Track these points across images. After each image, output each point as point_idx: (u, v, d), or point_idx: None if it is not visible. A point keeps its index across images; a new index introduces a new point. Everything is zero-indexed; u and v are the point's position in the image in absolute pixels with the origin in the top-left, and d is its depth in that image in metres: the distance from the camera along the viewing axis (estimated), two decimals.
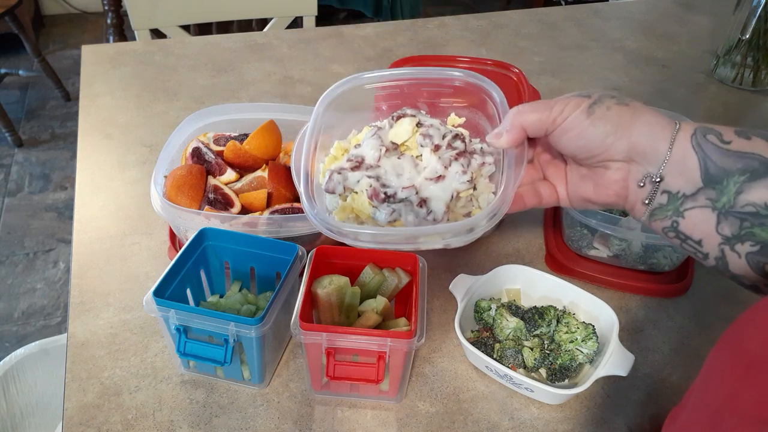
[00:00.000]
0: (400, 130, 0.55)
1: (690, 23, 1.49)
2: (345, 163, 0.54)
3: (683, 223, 0.45)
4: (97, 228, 0.82)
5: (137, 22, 1.42)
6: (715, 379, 0.38)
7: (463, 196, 0.52)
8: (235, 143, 0.77)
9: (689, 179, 0.43)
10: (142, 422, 0.60)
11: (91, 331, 0.69)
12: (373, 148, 0.54)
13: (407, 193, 0.52)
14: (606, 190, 0.49)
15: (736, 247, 0.43)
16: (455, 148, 0.53)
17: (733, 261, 0.43)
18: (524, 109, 0.48)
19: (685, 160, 0.43)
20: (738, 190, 0.41)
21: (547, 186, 0.53)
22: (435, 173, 0.52)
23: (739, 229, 0.42)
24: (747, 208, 0.41)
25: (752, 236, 0.41)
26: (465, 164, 0.53)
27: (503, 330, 0.66)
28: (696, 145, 0.43)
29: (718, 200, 0.42)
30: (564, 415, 0.63)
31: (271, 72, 1.20)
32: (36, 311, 1.79)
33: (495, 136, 0.50)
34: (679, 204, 0.44)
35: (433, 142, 0.54)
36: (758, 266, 0.42)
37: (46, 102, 2.73)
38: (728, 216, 0.42)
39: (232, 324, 0.57)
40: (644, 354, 0.70)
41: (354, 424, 0.61)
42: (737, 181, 0.41)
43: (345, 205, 0.53)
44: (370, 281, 0.65)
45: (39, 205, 2.18)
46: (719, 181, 0.42)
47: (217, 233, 0.66)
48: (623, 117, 0.45)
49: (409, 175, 0.53)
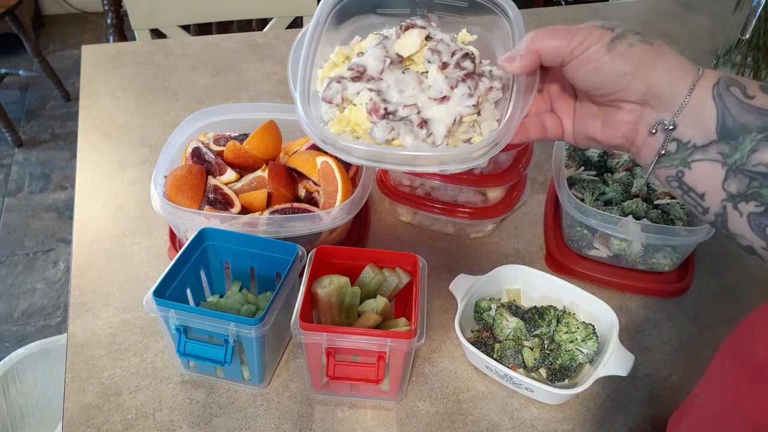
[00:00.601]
0: (408, 42, 0.51)
1: (690, 23, 1.49)
2: (345, 71, 0.50)
3: (689, 174, 0.43)
4: (97, 228, 0.82)
5: (137, 22, 1.42)
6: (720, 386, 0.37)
7: (466, 120, 0.50)
8: (235, 143, 0.77)
9: (703, 130, 0.41)
10: (142, 422, 0.60)
11: (91, 331, 0.69)
12: (377, 59, 0.50)
13: (408, 111, 0.49)
14: (614, 130, 0.47)
15: (740, 206, 0.41)
16: (463, 68, 0.50)
17: (733, 219, 0.42)
18: (543, 34, 0.45)
19: (702, 109, 0.41)
20: (753, 148, 0.39)
21: (553, 119, 0.50)
22: (440, 93, 0.49)
23: (747, 188, 0.40)
24: (759, 168, 0.39)
25: (758, 196, 0.40)
26: (472, 87, 0.49)
27: (503, 330, 0.66)
28: (717, 95, 0.41)
29: (730, 156, 0.41)
30: (564, 415, 0.63)
31: (271, 72, 1.20)
32: (36, 311, 1.79)
33: (507, 59, 0.47)
34: (688, 154, 0.43)
35: (441, 59, 0.50)
36: (759, 228, 0.40)
37: (46, 102, 2.73)
38: (737, 173, 0.40)
39: (232, 324, 0.57)
40: (644, 354, 0.70)
41: (354, 424, 0.61)
42: (754, 139, 0.39)
43: (342, 117, 0.50)
44: (370, 281, 0.65)
45: (39, 205, 2.18)
46: (735, 136, 0.40)
47: (217, 233, 0.66)
48: (645, 56, 0.43)
49: (413, 92, 0.50)
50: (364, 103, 0.49)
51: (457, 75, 0.50)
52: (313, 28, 0.52)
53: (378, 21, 0.55)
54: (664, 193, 0.79)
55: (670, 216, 0.76)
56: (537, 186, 0.94)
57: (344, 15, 0.54)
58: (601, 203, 0.78)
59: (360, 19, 0.55)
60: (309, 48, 0.51)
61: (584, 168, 0.84)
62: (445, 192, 0.79)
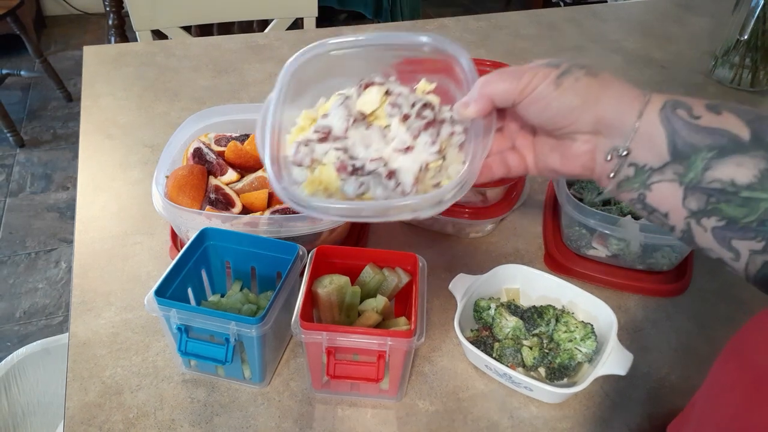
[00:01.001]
0: (368, 99, 0.53)
1: (689, 24, 1.49)
2: (312, 134, 0.52)
3: (650, 196, 0.45)
4: (99, 228, 0.83)
5: (138, 23, 1.43)
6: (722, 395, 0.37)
7: (432, 167, 0.51)
8: (236, 144, 0.77)
9: (656, 153, 0.43)
10: (144, 421, 0.61)
11: (93, 330, 0.69)
12: (341, 119, 0.52)
13: (375, 165, 0.50)
14: (572, 161, 0.48)
15: (702, 222, 0.42)
16: (424, 118, 0.52)
17: (699, 234, 0.43)
18: (492, 79, 0.47)
19: (652, 134, 0.43)
20: (705, 167, 0.41)
21: (515, 155, 0.52)
22: (403, 144, 0.51)
23: (706, 205, 0.41)
24: (713, 185, 0.41)
25: (718, 212, 0.41)
26: (434, 134, 0.51)
27: (502, 329, 0.67)
28: (664, 119, 0.42)
29: (685, 175, 0.42)
30: (563, 414, 0.63)
31: (272, 73, 1.20)
32: (38, 311, 1.79)
33: (462, 105, 0.49)
34: (646, 177, 0.44)
35: (401, 111, 0.52)
36: (724, 240, 0.42)
37: (47, 102, 2.73)
38: (695, 191, 0.42)
39: (233, 323, 0.57)
40: (643, 353, 0.70)
41: (354, 422, 0.62)
42: (705, 157, 0.41)
43: (313, 178, 0.52)
44: (370, 281, 0.65)
45: (41, 205, 2.18)
46: (687, 156, 0.42)
47: (218, 233, 0.66)
48: (591, 89, 0.44)
49: (378, 146, 0.52)
50: (332, 163, 0.51)
51: (418, 125, 0.51)
52: (276, 97, 0.54)
53: (340, 81, 0.56)
54: None
55: None
56: (536, 186, 0.94)
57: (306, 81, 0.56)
58: (600, 203, 0.78)
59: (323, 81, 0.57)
60: (274, 116, 0.53)
61: None
62: None
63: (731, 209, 0.40)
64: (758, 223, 0.40)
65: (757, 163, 0.39)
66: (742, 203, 0.40)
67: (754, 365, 0.34)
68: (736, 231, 0.41)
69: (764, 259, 0.40)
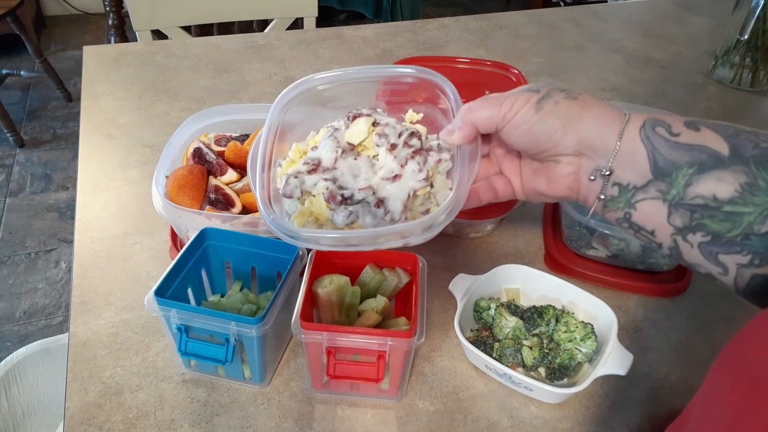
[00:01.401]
0: (356, 130, 0.55)
1: (689, 24, 1.49)
2: (302, 166, 0.54)
3: (635, 215, 0.45)
4: (99, 228, 0.83)
5: (138, 23, 1.43)
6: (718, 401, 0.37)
7: (420, 194, 0.52)
8: (236, 144, 0.77)
9: (639, 172, 0.44)
10: (144, 421, 0.61)
11: (93, 330, 0.69)
12: (330, 150, 0.54)
13: (364, 194, 0.51)
14: (558, 183, 0.49)
15: (688, 238, 0.43)
16: (411, 146, 0.53)
17: (686, 251, 0.44)
18: (474, 106, 0.49)
19: (634, 153, 0.43)
20: (687, 183, 0.42)
21: (502, 180, 0.53)
22: (391, 173, 0.52)
23: (690, 221, 0.42)
24: (696, 200, 0.41)
25: (703, 227, 0.42)
26: (421, 162, 0.52)
27: (502, 329, 0.67)
28: (645, 138, 0.43)
29: (668, 192, 0.43)
30: (563, 414, 0.63)
31: (272, 73, 1.20)
32: (37, 311, 1.79)
33: (447, 133, 0.51)
34: (630, 196, 0.45)
35: (388, 141, 0.53)
36: (711, 255, 0.42)
37: (47, 102, 2.74)
38: (678, 208, 0.42)
39: (233, 323, 0.57)
40: (643, 353, 0.70)
41: (354, 422, 0.62)
42: (686, 174, 0.41)
43: (303, 209, 0.53)
44: (370, 281, 0.65)
45: (41, 205, 2.18)
46: (668, 173, 0.42)
47: (218, 233, 0.66)
48: (572, 112, 0.45)
49: (366, 175, 0.53)
50: (321, 193, 0.52)
51: (405, 153, 0.53)
52: (266, 133, 0.56)
53: (330, 114, 0.58)
54: None
55: None
56: None
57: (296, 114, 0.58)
58: None
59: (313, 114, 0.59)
60: (264, 151, 0.55)
61: None
62: None
63: (715, 224, 0.41)
64: (742, 237, 0.40)
65: (737, 177, 0.40)
66: (725, 218, 0.40)
67: (751, 370, 0.34)
68: (721, 246, 0.41)
69: (752, 272, 0.40)
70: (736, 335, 0.37)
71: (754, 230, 0.39)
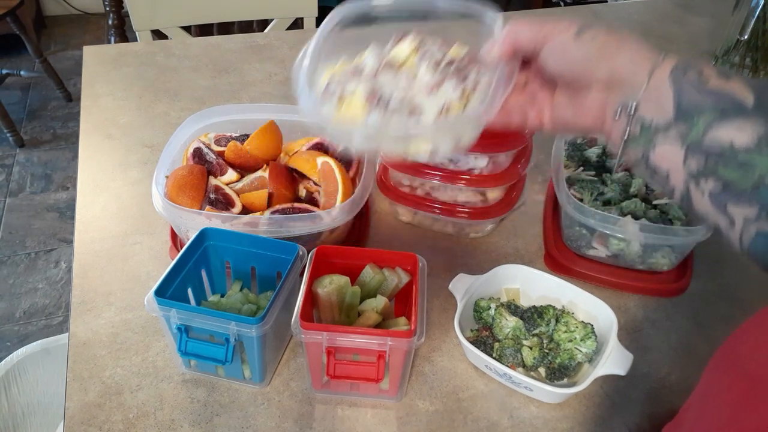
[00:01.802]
0: (401, 49, 0.57)
1: (689, 24, 1.49)
2: (344, 72, 0.55)
3: (653, 156, 0.45)
4: (99, 228, 0.83)
5: (138, 23, 1.43)
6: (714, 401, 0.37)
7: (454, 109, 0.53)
8: (236, 144, 0.77)
9: (662, 111, 0.44)
10: (144, 421, 0.61)
11: (93, 330, 0.69)
12: (373, 62, 0.56)
13: (400, 101, 0.53)
14: (585, 113, 0.50)
15: (701, 184, 0.43)
16: (451, 67, 0.55)
17: (697, 199, 0.43)
18: (517, 23, 0.50)
19: (660, 91, 0.44)
20: (706, 127, 0.41)
21: (534, 110, 0.54)
22: (428, 85, 0.54)
23: (704, 167, 0.42)
24: (713, 146, 0.41)
25: (716, 174, 0.41)
26: (459, 81, 0.54)
27: (502, 329, 0.67)
28: (674, 79, 0.43)
29: (687, 135, 0.43)
30: (563, 414, 0.63)
31: (272, 73, 1.20)
32: (37, 311, 1.79)
33: (488, 48, 0.52)
34: (651, 135, 0.45)
35: (431, 60, 0.55)
36: (720, 206, 0.42)
37: (47, 102, 2.73)
38: (695, 152, 0.42)
39: (233, 323, 0.57)
40: (643, 353, 0.70)
41: (354, 422, 0.62)
42: (707, 119, 0.41)
43: (340, 114, 0.53)
44: (370, 281, 0.65)
45: (41, 205, 2.18)
46: (690, 116, 0.42)
47: (218, 233, 0.66)
48: (609, 43, 0.46)
49: (404, 86, 0.54)
50: (359, 93, 0.53)
51: (445, 71, 0.54)
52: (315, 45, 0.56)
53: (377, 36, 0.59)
54: (663, 193, 0.79)
55: (669, 216, 0.76)
56: (536, 186, 0.94)
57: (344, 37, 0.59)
58: (600, 203, 0.78)
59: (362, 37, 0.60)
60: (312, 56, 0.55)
61: (583, 168, 0.84)
62: (445, 192, 0.80)
63: (728, 172, 0.41)
64: (753, 188, 0.40)
65: (757, 128, 0.40)
66: (738, 167, 0.40)
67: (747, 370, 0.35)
68: (731, 196, 0.41)
69: (757, 228, 0.40)
70: (732, 335, 0.38)
71: (766, 182, 0.39)
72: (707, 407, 0.38)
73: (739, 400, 0.34)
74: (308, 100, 0.51)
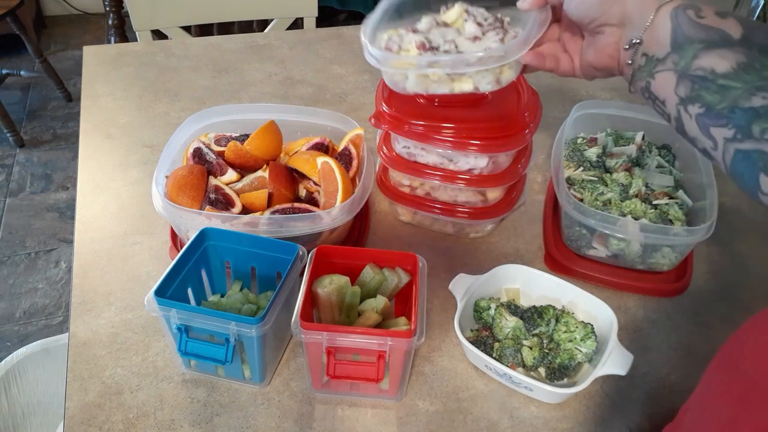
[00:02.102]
0: (451, 12, 0.69)
1: None
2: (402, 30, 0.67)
3: (653, 84, 0.51)
4: (99, 228, 0.83)
5: (138, 23, 1.43)
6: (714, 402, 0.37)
7: None
8: (236, 144, 0.77)
9: (661, 44, 0.50)
10: (144, 421, 0.61)
11: (93, 330, 0.69)
12: (427, 23, 0.67)
13: (448, 46, 0.64)
14: (602, 52, 0.56)
15: (689, 108, 0.48)
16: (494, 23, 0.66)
17: (686, 122, 0.48)
18: None
19: (661, 27, 0.50)
20: (694, 56, 0.47)
21: (566, 57, 0.62)
22: (473, 34, 0.65)
23: (691, 91, 0.47)
24: (698, 72, 0.46)
25: (699, 98, 0.46)
26: (500, 32, 0.65)
27: (502, 329, 0.67)
28: (674, 15, 0.49)
29: (678, 63, 0.48)
30: (563, 414, 0.63)
31: (272, 73, 1.20)
32: (37, 311, 1.79)
33: None
34: (653, 66, 0.51)
35: (476, 20, 0.67)
36: (705, 128, 0.47)
37: (47, 102, 2.73)
38: (684, 78, 0.48)
39: (233, 323, 0.57)
40: (643, 353, 0.70)
41: (354, 422, 0.62)
42: (696, 48, 0.47)
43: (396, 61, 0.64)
44: (370, 281, 0.65)
45: (41, 205, 2.18)
46: (682, 47, 0.48)
47: (218, 233, 0.66)
48: None
49: (452, 36, 0.65)
50: (413, 42, 0.64)
51: (488, 24, 0.66)
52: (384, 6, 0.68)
53: None
54: (663, 193, 0.79)
55: (669, 216, 0.76)
56: (536, 186, 0.94)
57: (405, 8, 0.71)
58: (600, 203, 0.78)
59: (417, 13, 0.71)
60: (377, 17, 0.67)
61: (583, 168, 0.84)
62: (445, 192, 0.80)
63: (709, 95, 0.46)
64: (729, 110, 0.44)
65: (737, 57, 0.45)
66: (717, 90, 0.45)
67: (745, 374, 0.35)
68: (712, 118, 0.46)
69: (735, 147, 0.44)
70: (732, 336, 0.38)
71: (739, 104, 0.44)
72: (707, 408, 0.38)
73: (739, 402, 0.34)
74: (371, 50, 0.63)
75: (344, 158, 0.79)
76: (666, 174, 0.82)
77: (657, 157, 0.85)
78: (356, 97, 1.13)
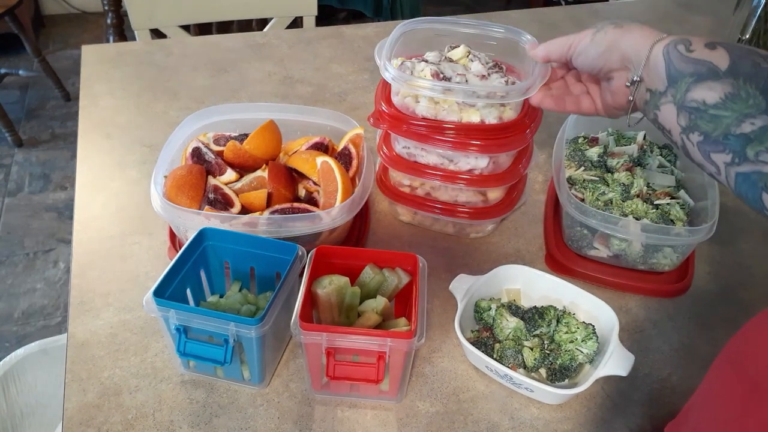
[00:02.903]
0: (456, 51, 0.76)
1: (690, 24, 1.49)
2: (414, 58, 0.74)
3: (660, 116, 0.55)
4: (97, 228, 0.82)
5: (137, 22, 1.42)
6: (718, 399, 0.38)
7: None
8: (235, 143, 0.77)
9: (660, 79, 0.54)
10: (142, 422, 0.60)
11: (91, 331, 0.69)
12: (435, 57, 0.75)
13: (460, 78, 0.71)
14: (617, 95, 0.61)
15: (690, 137, 0.51)
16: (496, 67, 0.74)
17: (690, 149, 0.52)
18: (550, 41, 0.66)
19: (657, 64, 0.54)
20: (687, 89, 0.51)
21: (587, 99, 0.67)
22: (480, 73, 0.73)
23: (689, 121, 0.51)
24: (692, 104, 0.50)
25: (697, 127, 0.50)
26: (503, 75, 0.72)
27: (503, 330, 0.66)
28: (666, 52, 0.53)
29: (675, 96, 0.52)
30: (564, 415, 0.63)
31: (271, 72, 1.20)
32: (36, 311, 1.79)
33: (531, 46, 0.68)
34: (657, 99, 0.55)
35: (480, 61, 0.75)
36: (706, 154, 0.50)
37: (46, 102, 2.73)
38: (682, 110, 0.52)
39: (232, 324, 0.57)
40: (644, 354, 0.70)
41: (354, 424, 0.61)
42: (687, 81, 0.51)
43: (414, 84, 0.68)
44: (370, 281, 0.65)
45: (39, 205, 2.17)
46: (676, 81, 0.52)
47: (217, 233, 0.66)
48: (616, 36, 0.58)
49: (462, 71, 0.73)
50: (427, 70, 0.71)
51: (492, 66, 0.75)
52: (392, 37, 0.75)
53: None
54: (664, 193, 0.79)
55: (670, 216, 0.76)
56: (537, 186, 0.94)
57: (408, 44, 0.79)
58: (602, 203, 0.78)
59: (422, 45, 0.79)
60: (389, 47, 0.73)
61: (584, 168, 0.84)
62: (445, 192, 0.79)
63: (704, 124, 0.50)
64: (723, 136, 0.48)
65: (724, 88, 0.48)
66: (710, 119, 0.49)
67: (749, 372, 0.35)
68: (710, 144, 0.49)
69: (735, 170, 0.48)
70: (736, 334, 0.38)
71: (731, 131, 0.47)
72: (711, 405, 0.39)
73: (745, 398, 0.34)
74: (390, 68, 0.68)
75: (344, 158, 0.79)
76: (667, 174, 0.82)
77: (658, 157, 0.85)
78: (356, 97, 1.13)
